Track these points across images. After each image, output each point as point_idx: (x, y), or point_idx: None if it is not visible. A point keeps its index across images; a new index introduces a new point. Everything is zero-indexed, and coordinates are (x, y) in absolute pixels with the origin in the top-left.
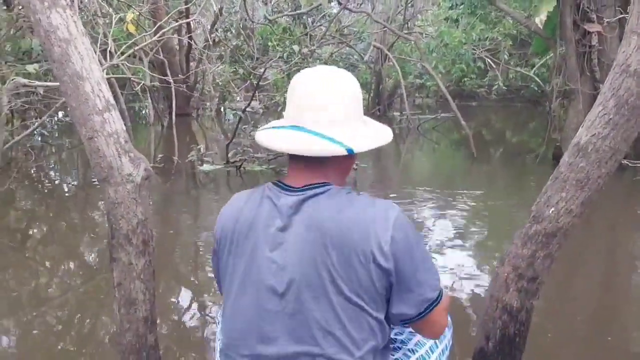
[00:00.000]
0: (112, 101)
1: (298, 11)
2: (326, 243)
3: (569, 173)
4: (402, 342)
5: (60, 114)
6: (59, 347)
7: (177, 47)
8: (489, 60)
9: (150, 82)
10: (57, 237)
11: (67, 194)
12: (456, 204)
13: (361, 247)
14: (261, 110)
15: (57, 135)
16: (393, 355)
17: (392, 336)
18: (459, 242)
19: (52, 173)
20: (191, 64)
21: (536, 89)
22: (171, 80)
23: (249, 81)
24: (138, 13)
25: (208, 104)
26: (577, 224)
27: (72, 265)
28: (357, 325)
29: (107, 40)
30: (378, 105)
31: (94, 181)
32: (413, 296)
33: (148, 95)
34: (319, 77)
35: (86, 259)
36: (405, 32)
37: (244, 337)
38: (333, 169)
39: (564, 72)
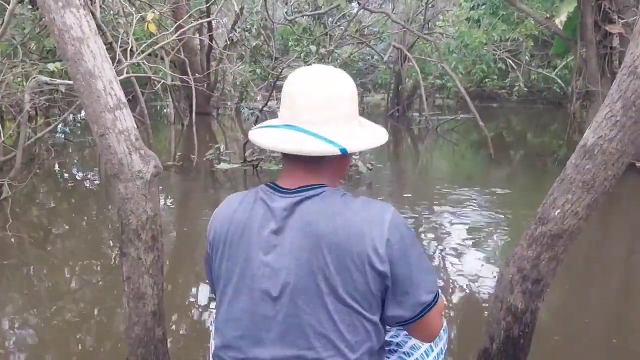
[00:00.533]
0: (124, 99)
1: (317, 11)
2: (321, 246)
3: (575, 175)
4: (398, 344)
5: (83, 112)
6: (76, 339)
7: (199, 47)
8: (510, 61)
9: (172, 81)
10: (77, 232)
11: (88, 190)
12: (472, 205)
13: (356, 250)
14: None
15: (79, 132)
16: (388, 358)
17: (388, 339)
18: (473, 244)
19: (73, 170)
20: (212, 63)
21: (558, 90)
22: (191, 80)
23: (266, 81)
24: (159, 13)
25: (228, 103)
26: (584, 227)
27: (91, 260)
28: (352, 329)
29: (128, 39)
30: (397, 105)
31: None
32: (408, 299)
33: (169, 94)
34: (313, 76)
35: (105, 253)
36: (426, 32)
37: (238, 341)
38: (327, 169)
39: (585, 73)
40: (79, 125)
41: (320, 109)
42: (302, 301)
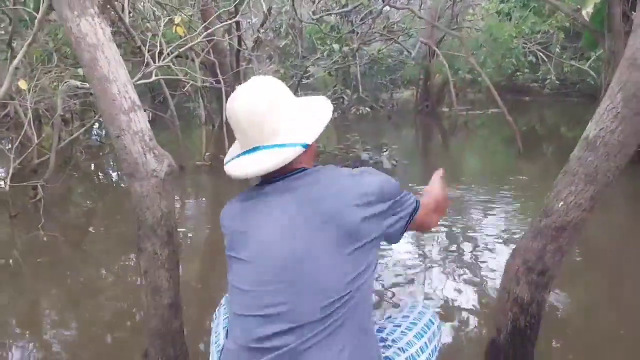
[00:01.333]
0: (138, 102)
1: (344, 9)
2: (317, 217)
3: (578, 167)
4: (393, 340)
5: None
6: (112, 335)
7: (228, 48)
8: (541, 54)
9: (202, 82)
10: (112, 231)
11: (122, 190)
12: (497, 200)
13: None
14: None
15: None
16: (384, 354)
17: (384, 335)
18: (495, 241)
19: (108, 170)
20: (242, 64)
21: (592, 82)
22: (222, 81)
23: (292, 80)
24: (186, 16)
25: None
26: (588, 218)
27: (124, 257)
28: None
29: (156, 42)
30: (426, 101)
31: None
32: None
33: (199, 95)
34: (243, 96)
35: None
36: (455, 27)
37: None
38: (300, 160)
39: (614, 65)
40: None
41: (263, 123)
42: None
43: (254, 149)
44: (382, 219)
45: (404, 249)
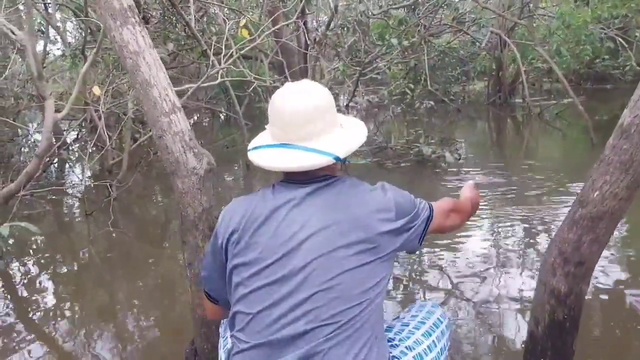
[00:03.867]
0: (178, 104)
1: (406, 3)
2: (342, 224)
3: (612, 156)
4: (401, 339)
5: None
6: (174, 321)
7: (296, 48)
8: (620, 40)
9: (271, 82)
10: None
11: None
12: (567, 194)
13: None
14: (364, 105)
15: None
16: (391, 353)
17: (391, 334)
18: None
19: None
20: (309, 62)
21: None
22: (289, 80)
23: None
24: (251, 17)
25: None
26: (625, 208)
27: None
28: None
29: (222, 45)
30: (498, 92)
31: (228, 177)
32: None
33: (269, 95)
34: (294, 94)
35: None
36: (526, 15)
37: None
38: (324, 169)
39: None
40: None
41: (306, 124)
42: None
43: (287, 145)
44: (399, 234)
45: (478, 243)
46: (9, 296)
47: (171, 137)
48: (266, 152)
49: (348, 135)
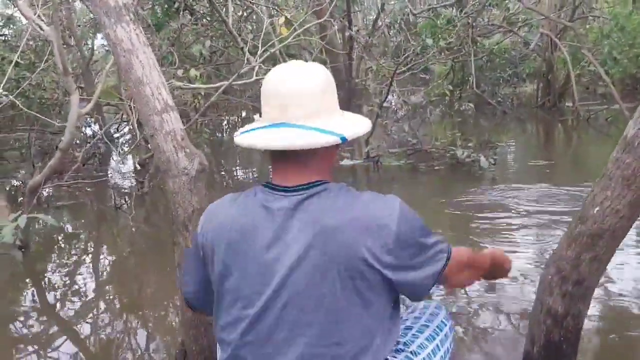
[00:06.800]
0: (171, 103)
1: (450, 1)
2: (327, 241)
3: (615, 170)
4: (405, 344)
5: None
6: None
7: (341, 46)
8: None
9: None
10: None
11: (239, 185)
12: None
13: (364, 244)
14: (399, 105)
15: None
16: (395, 358)
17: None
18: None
19: (223, 168)
20: (354, 62)
21: None
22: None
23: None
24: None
25: (376, 100)
26: (628, 227)
27: None
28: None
29: (258, 43)
30: (548, 95)
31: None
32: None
33: None
34: (293, 73)
35: None
36: (577, 17)
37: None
38: (319, 162)
39: None
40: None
41: (306, 104)
42: (310, 300)
43: (285, 124)
44: (398, 269)
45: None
46: (27, 285)
47: (163, 136)
48: (257, 133)
49: (351, 121)
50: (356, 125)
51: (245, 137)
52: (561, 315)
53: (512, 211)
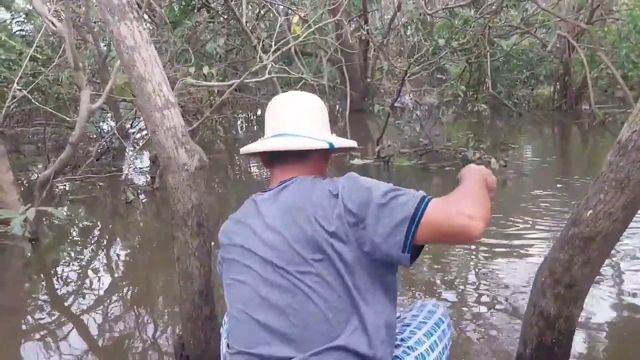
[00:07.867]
0: (172, 100)
1: (465, 2)
2: (292, 212)
3: (608, 173)
4: (402, 339)
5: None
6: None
7: (358, 45)
8: None
9: (330, 80)
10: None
11: (252, 182)
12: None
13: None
14: (411, 105)
15: (256, 129)
16: (392, 353)
17: None
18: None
19: (240, 165)
20: (369, 62)
21: None
22: (347, 80)
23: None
24: (299, 15)
25: (388, 99)
26: (621, 230)
27: None
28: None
29: (271, 40)
30: (564, 98)
31: None
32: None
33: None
34: (292, 98)
35: None
36: (596, 19)
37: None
38: (311, 167)
39: None
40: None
41: (302, 121)
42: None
43: (284, 134)
44: (356, 228)
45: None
46: (34, 276)
47: (163, 133)
48: (263, 142)
49: (339, 138)
50: (343, 140)
51: (249, 147)
52: (553, 318)
53: (522, 214)
